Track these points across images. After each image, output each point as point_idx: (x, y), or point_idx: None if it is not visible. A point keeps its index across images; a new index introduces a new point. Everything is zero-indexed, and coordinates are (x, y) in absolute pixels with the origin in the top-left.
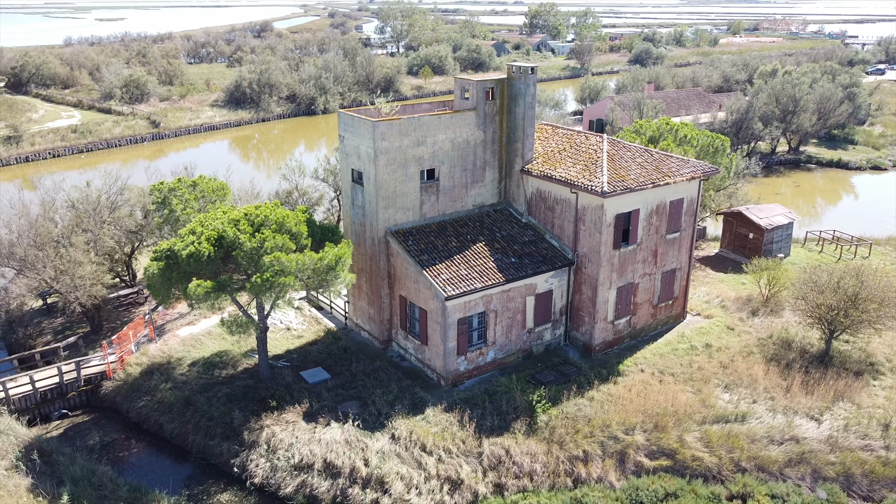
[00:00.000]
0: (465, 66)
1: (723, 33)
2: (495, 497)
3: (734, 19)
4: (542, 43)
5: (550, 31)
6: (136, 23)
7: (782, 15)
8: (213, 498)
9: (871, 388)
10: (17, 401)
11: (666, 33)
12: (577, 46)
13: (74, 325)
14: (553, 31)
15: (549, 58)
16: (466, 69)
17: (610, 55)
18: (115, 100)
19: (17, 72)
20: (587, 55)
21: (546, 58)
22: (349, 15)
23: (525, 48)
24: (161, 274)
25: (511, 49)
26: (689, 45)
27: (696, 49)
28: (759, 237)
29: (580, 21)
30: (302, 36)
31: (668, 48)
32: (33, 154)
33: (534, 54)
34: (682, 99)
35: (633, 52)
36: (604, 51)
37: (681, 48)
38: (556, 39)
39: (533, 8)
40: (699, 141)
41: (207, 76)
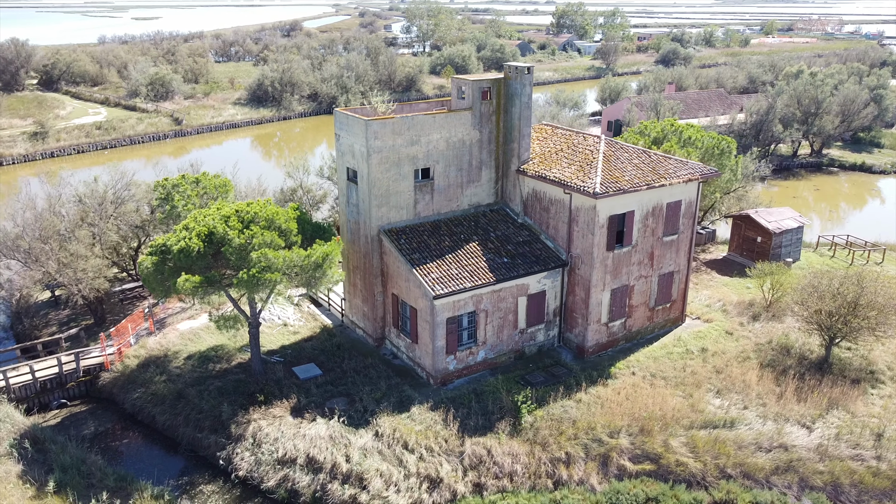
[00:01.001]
0: (489, 65)
1: (755, 34)
2: (474, 497)
3: (769, 20)
4: (567, 43)
5: (578, 30)
6: (170, 22)
7: (819, 15)
8: (197, 489)
9: (868, 396)
10: (17, 389)
11: (695, 33)
12: (603, 46)
13: (79, 317)
14: (580, 30)
15: (575, 58)
16: (490, 69)
17: (637, 55)
18: (140, 97)
19: (49, 69)
20: (612, 55)
21: (571, 58)
22: (379, 14)
23: (551, 48)
24: (154, 268)
25: (536, 49)
26: (719, 46)
27: (725, 49)
28: (766, 241)
29: (608, 21)
30: (328, 35)
31: (696, 49)
32: (58, 150)
33: (559, 54)
34: (704, 100)
35: (661, 52)
36: (631, 51)
37: (710, 49)
38: (584, 39)
39: (560, 7)
40: (704, 143)
41: (233, 74)
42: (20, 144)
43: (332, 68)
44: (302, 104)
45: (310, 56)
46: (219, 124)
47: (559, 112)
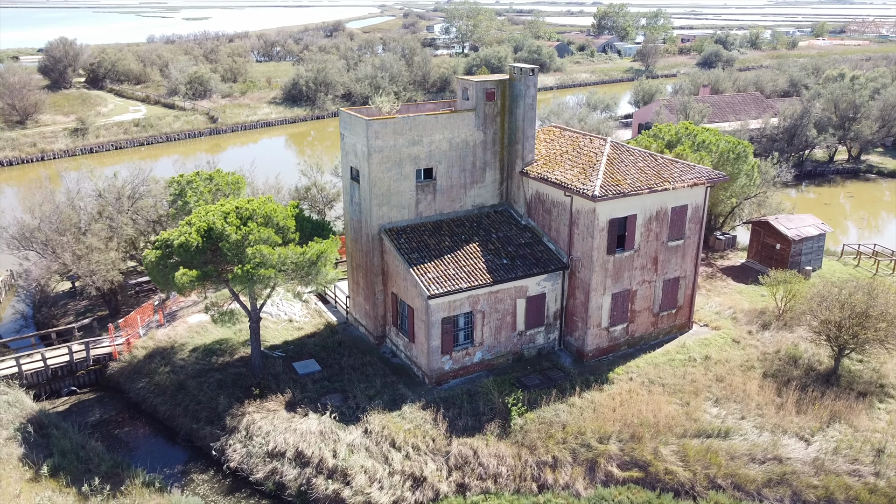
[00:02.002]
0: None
1: (805, 36)
2: (457, 496)
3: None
4: (607, 44)
5: (619, 32)
6: (219, 22)
7: (874, 17)
8: (189, 477)
9: (874, 410)
10: (29, 376)
11: (741, 35)
12: (643, 48)
13: (96, 307)
14: (621, 32)
15: (615, 59)
16: None
17: (678, 57)
18: (179, 95)
19: (95, 68)
20: (652, 57)
21: (611, 59)
22: (422, 15)
23: (590, 49)
24: (157, 262)
25: (575, 50)
26: (765, 48)
27: (771, 52)
28: (786, 248)
29: (650, 22)
30: (369, 36)
31: (741, 51)
32: (97, 146)
33: (598, 56)
34: (738, 103)
35: (703, 54)
36: (672, 53)
37: (755, 51)
38: (625, 41)
39: (601, 9)
40: (719, 146)
41: (272, 74)
42: (61, 140)
43: (366, 68)
44: (336, 104)
45: (346, 56)
46: (253, 123)
47: (588, 114)
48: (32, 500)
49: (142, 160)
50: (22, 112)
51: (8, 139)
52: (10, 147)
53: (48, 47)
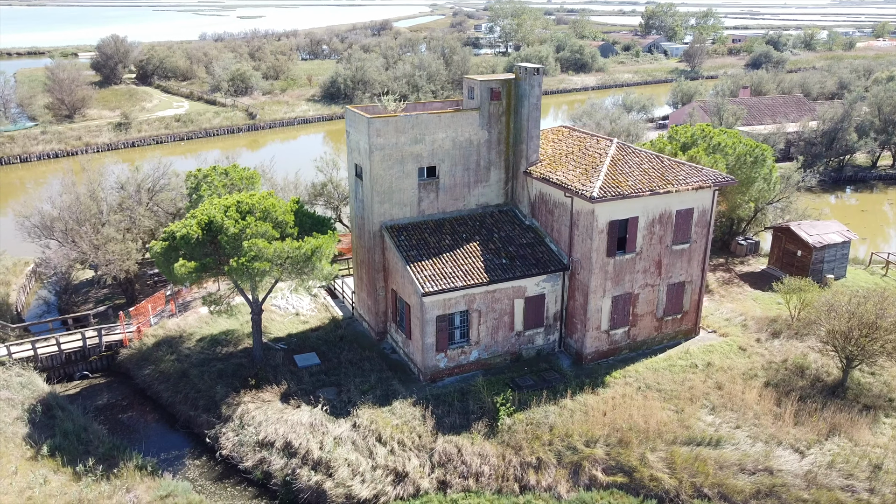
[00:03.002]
0: (567, 66)
1: (865, 36)
2: (437, 493)
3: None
4: (654, 44)
5: (667, 32)
6: (272, 20)
7: None
8: (182, 462)
9: (879, 425)
10: (44, 359)
11: (795, 36)
12: (689, 48)
13: (115, 296)
14: (669, 32)
15: (660, 60)
16: (567, 70)
17: (727, 58)
18: (221, 92)
19: (144, 65)
20: (698, 58)
21: (656, 59)
22: (472, 14)
23: (635, 49)
24: (163, 253)
25: (620, 50)
26: (820, 49)
27: (826, 53)
28: (806, 255)
29: (700, 22)
30: (416, 34)
31: (794, 52)
32: (139, 140)
33: (644, 56)
34: (778, 106)
35: (752, 55)
36: (721, 53)
37: (810, 52)
38: (672, 41)
39: (649, 8)
40: (735, 149)
41: (315, 72)
42: (105, 134)
43: (405, 67)
44: (373, 102)
45: (385, 55)
46: (290, 119)
47: (620, 115)
48: (27, 477)
49: (181, 154)
50: (70, 107)
51: (55, 132)
52: (57, 140)
53: (100, 44)
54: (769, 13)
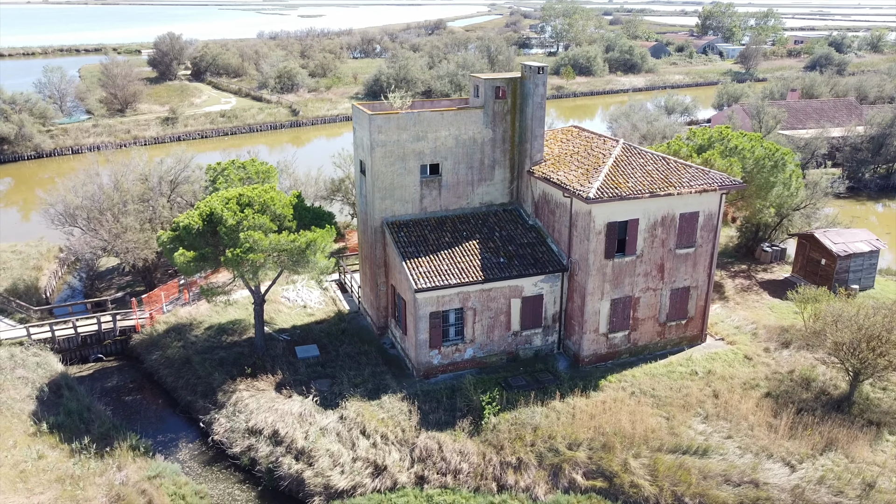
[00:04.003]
0: (616, 67)
1: None
2: (414, 488)
3: None
4: (709, 45)
5: (724, 32)
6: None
7: None
8: (177, 445)
9: (881, 442)
10: (61, 341)
11: (861, 37)
12: (745, 50)
13: (136, 283)
14: (727, 32)
15: (715, 61)
16: (616, 70)
17: (785, 60)
18: (267, 89)
19: (198, 62)
20: (753, 59)
21: (711, 61)
22: (528, 14)
23: (689, 50)
24: (169, 242)
25: (673, 51)
26: (888, 51)
27: (893, 55)
28: (830, 264)
29: (760, 23)
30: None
31: (858, 54)
32: (184, 134)
33: (698, 57)
34: (827, 109)
35: (812, 57)
36: (780, 55)
37: (876, 54)
38: (730, 42)
39: (706, 8)
40: (754, 153)
41: (364, 70)
42: (153, 128)
43: (449, 66)
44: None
45: (432, 54)
46: (333, 116)
47: (658, 117)
48: (24, 451)
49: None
50: (122, 101)
51: (106, 126)
52: (108, 133)
53: (157, 42)
54: (839, 14)
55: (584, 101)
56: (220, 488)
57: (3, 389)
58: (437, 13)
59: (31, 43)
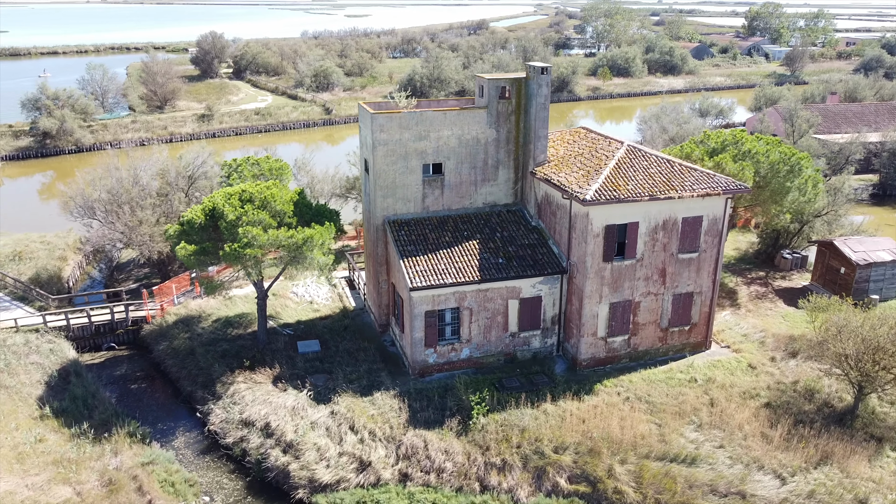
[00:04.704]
0: (655, 68)
1: None
2: (397, 485)
3: None
4: (754, 46)
5: (771, 34)
6: (378, 19)
7: None
8: (174, 434)
9: (881, 458)
10: (75, 329)
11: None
12: (791, 51)
13: (153, 275)
14: (774, 34)
15: (760, 63)
16: (655, 72)
17: (834, 62)
18: (303, 88)
19: (238, 60)
20: (799, 61)
21: (755, 63)
22: (574, 15)
23: (732, 52)
24: (176, 236)
25: (717, 52)
26: None
27: None
28: (850, 273)
29: (810, 23)
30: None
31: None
32: (219, 131)
33: (742, 59)
34: (867, 114)
35: (862, 59)
36: (829, 57)
37: None
38: (777, 43)
39: (753, 9)
40: (769, 157)
41: (402, 70)
42: (189, 125)
43: (484, 66)
44: (447, 98)
45: (468, 54)
46: None
47: (690, 119)
48: (25, 434)
49: (257, 146)
50: (161, 98)
51: (144, 122)
52: (145, 129)
53: (199, 40)
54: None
55: (621, 102)
56: (209, 476)
57: (15, 374)
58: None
59: (85, 41)
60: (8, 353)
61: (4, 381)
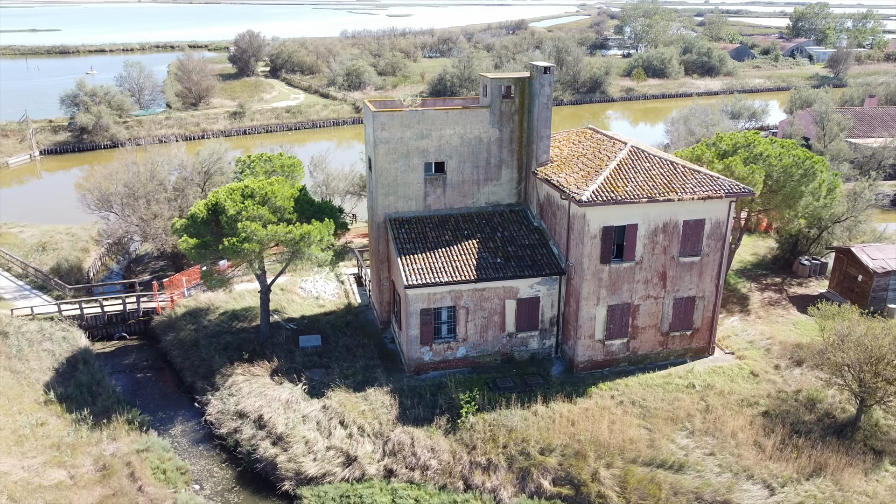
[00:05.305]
0: (692, 69)
1: None
2: (381, 481)
3: None
4: (797, 48)
5: (817, 34)
6: (420, 19)
7: None
8: (172, 423)
9: (879, 471)
10: (89, 318)
11: None
12: (836, 53)
13: (169, 267)
14: (819, 35)
15: (804, 65)
16: (692, 73)
17: (882, 64)
18: (335, 86)
19: (274, 59)
20: (843, 63)
21: (798, 65)
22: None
23: (774, 53)
24: (182, 230)
25: (758, 54)
26: None
27: None
28: (867, 281)
29: (857, 24)
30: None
31: None
32: (250, 128)
33: (784, 60)
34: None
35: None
36: (877, 59)
37: None
38: (822, 44)
39: (798, 9)
40: (781, 160)
41: (434, 70)
42: (221, 122)
43: (516, 66)
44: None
45: (500, 54)
46: None
47: (719, 121)
48: (27, 417)
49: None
50: (196, 95)
51: (178, 118)
52: (178, 125)
53: (237, 39)
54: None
55: (655, 103)
56: (202, 465)
57: (26, 359)
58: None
59: (132, 40)
60: (22, 339)
61: (15, 366)
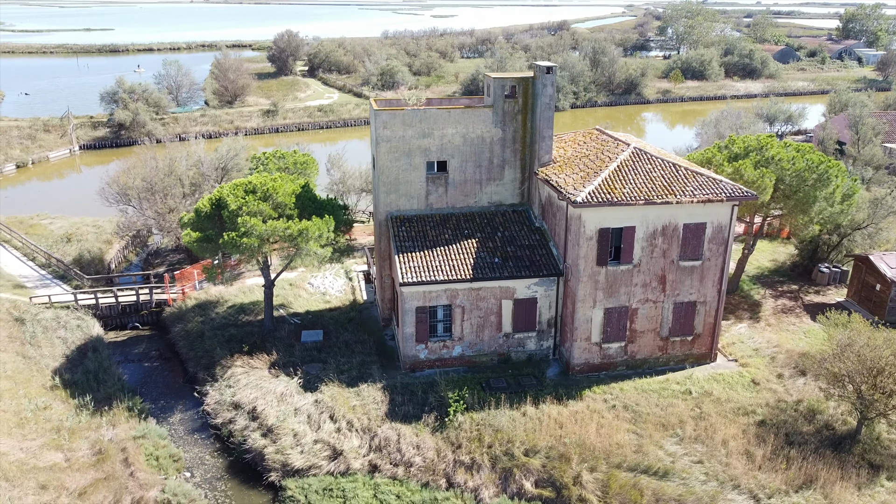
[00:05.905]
0: (734, 71)
1: None
2: (365, 475)
3: None
4: (845, 50)
5: (868, 36)
6: (463, 19)
7: None
8: (172, 412)
9: (873, 486)
10: (103, 308)
11: None
12: (886, 55)
13: (185, 260)
14: (871, 36)
15: (852, 68)
16: (733, 75)
17: None
18: (369, 86)
19: (312, 58)
20: (893, 66)
21: (845, 67)
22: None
23: (821, 55)
24: (189, 224)
25: (804, 56)
26: None
27: None
28: (885, 290)
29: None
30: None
31: None
32: (282, 126)
33: (832, 62)
34: None
35: None
36: None
37: None
38: (873, 47)
39: (849, 10)
40: (794, 165)
41: (469, 70)
42: (254, 119)
43: None
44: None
45: (535, 55)
46: None
47: (752, 125)
48: (31, 401)
49: (317, 141)
50: (232, 94)
51: (212, 116)
52: (213, 123)
53: (276, 39)
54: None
55: (693, 106)
56: (194, 453)
57: (39, 346)
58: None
59: (179, 39)
60: (37, 326)
61: (27, 351)
